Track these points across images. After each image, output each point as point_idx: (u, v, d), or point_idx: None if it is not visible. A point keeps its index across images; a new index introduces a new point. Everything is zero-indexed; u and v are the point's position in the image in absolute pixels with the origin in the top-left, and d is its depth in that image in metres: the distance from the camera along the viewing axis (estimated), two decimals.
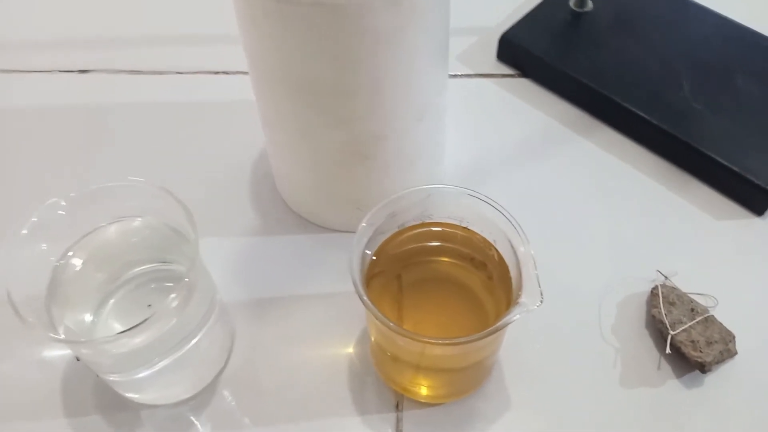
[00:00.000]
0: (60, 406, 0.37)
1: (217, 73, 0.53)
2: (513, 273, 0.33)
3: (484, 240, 0.35)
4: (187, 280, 0.31)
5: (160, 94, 0.51)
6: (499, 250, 0.34)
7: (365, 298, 0.30)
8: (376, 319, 0.30)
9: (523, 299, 0.30)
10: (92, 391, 0.38)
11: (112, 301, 0.36)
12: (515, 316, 0.29)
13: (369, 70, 0.33)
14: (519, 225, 0.32)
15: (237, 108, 0.50)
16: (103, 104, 0.51)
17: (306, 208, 0.43)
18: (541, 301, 0.30)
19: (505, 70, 0.52)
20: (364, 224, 0.32)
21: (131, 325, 0.30)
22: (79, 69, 0.53)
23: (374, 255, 0.34)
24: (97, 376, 0.36)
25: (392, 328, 0.30)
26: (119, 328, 0.35)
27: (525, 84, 0.51)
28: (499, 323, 0.29)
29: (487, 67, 0.52)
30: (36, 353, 0.39)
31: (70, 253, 0.35)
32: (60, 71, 0.53)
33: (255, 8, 0.31)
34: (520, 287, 0.31)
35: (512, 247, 0.32)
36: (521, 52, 0.51)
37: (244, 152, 0.48)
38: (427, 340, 0.30)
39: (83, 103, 0.51)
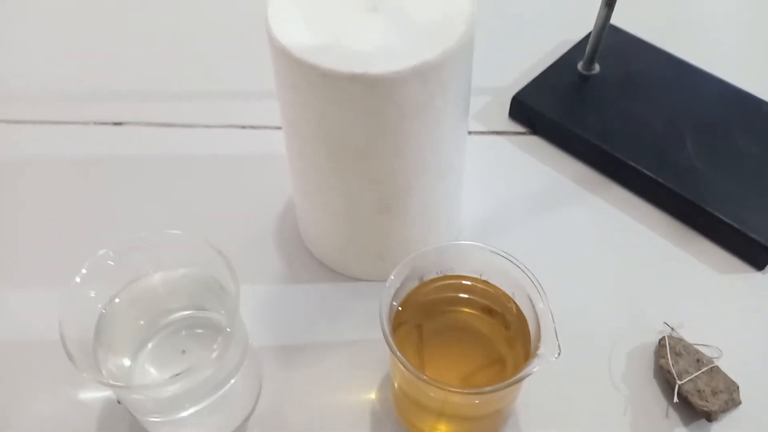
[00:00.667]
0: None
1: (243, 127, 0.56)
2: (531, 325, 0.35)
3: (503, 293, 0.37)
4: (228, 330, 0.34)
5: (189, 147, 0.54)
6: (518, 302, 0.36)
7: (394, 347, 0.33)
8: (404, 368, 0.33)
9: (541, 351, 0.32)
10: None
11: (149, 346, 0.38)
12: (535, 367, 0.32)
13: (397, 136, 0.36)
14: (537, 279, 0.34)
15: (263, 161, 0.52)
16: (136, 156, 0.54)
17: (331, 257, 0.46)
18: (559, 353, 0.32)
19: (517, 128, 0.55)
20: (392, 277, 0.35)
21: (167, 372, 0.32)
22: (113, 121, 0.56)
23: (400, 306, 0.37)
24: (134, 417, 0.38)
25: (419, 377, 0.32)
26: (154, 373, 0.38)
27: (536, 141, 0.54)
28: (521, 374, 0.31)
29: (500, 125, 0.55)
30: (75, 394, 0.41)
31: (116, 300, 0.37)
32: (95, 123, 0.56)
33: (298, 77, 0.34)
34: (538, 339, 0.33)
35: (530, 300, 0.35)
36: (532, 112, 0.54)
37: (271, 204, 0.50)
38: (451, 389, 0.32)
39: (118, 155, 0.54)
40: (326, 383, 0.41)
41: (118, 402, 0.39)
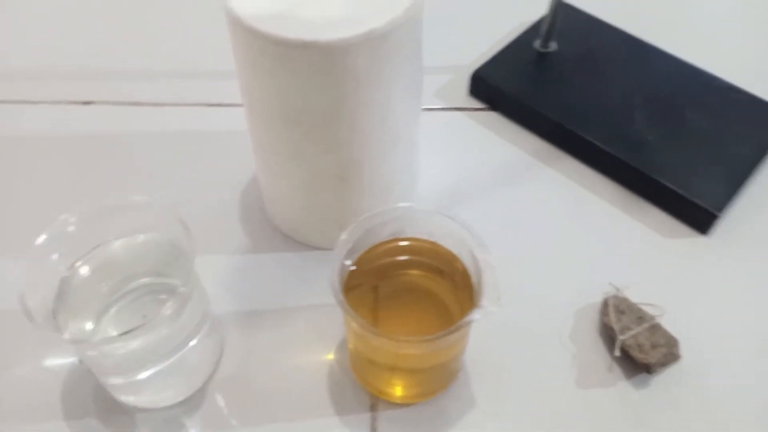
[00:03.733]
0: (60, 409, 0.41)
1: (212, 105, 0.57)
2: (475, 281, 0.37)
3: (450, 253, 0.39)
4: (182, 290, 0.35)
5: (158, 125, 0.56)
6: (464, 261, 0.38)
7: (344, 302, 0.34)
8: (354, 321, 0.34)
9: (483, 302, 0.34)
10: (91, 396, 0.41)
11: (112, 310, 0.40)
12: (476, 316, 0.33)
13: (349, 104, 0.37)
14: (479, 236, 0.36)
15: (230, 138, 0.54)
16: (106, 133, 0.55)
17: (292, 227, 0.47)
18: (500, 304, 0.33)
19: (477, 104, 0.57)
20: (344, 237, 0.36)
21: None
22: (83, 101, 0.57)
23: (354, 264, 0.38)
24: (98, 380, 0.40)
25: (368, 329, 0.34)
26: (115, 335, 0.39)
27: (494, 117, 0.56)
28: (461, 322, 0.33)
29: (461, 101, 0.57)
30: (40, 359, 0.42)
31: (78, 264, 0.38)
32: (67, 102, 0.57)
33: (253, 49, 0.36)
34: (481, 292, 0.35)
35: (474, 257, 0.36)
36: (490, 88, 0.56)
37: (236, 178, 0.52)
38: (399, 338, 0.34)
39: (88, 132, 0.55)
40: (287, 346, 0.43)
41: (80, 362, 0.40)
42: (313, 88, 0.36)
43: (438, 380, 0.40)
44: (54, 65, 0.60)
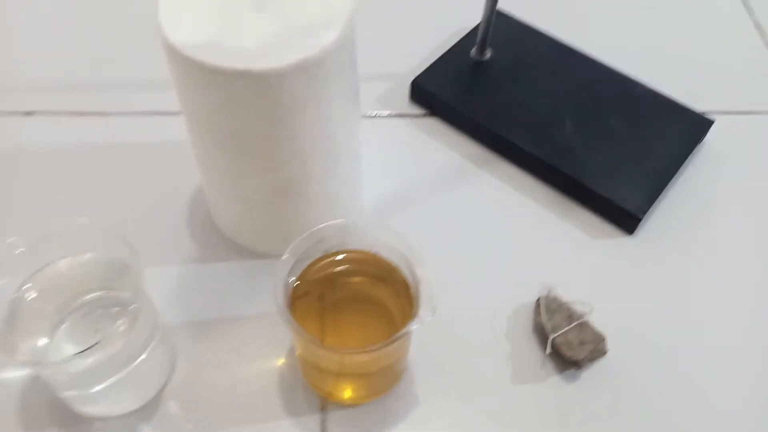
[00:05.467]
0: (19, 422, 0.41)
1: (156, 114, 0.58)
2: (413, 291, 0.39)
3: (390, 263, 0.41)
4: (132, 306, 0.36)
5: (103, 136, 0.56)
6: (403, 272, 0.40)
7: (289, 318, 0.36)
8: (299, 335, 0.36)
9: (420, 313, 0.36)
10: (48, 408, 0.42)
11: (64, 326, 0.41)
12: (413, 326, 0.36)
13: (286, 126, 0.39)
14: (415, 251, 0.38)
15: (176, 147, 0.54)
16: (49, 145, 0.55)
17: (239, 236, 0.49)
18: (434, 314, 0.36)
19: (417, 110, 0.59)
20: (285, 256, 0.38)
21: (82, 347, 0.35)
22: (24, 111, 0.57)
23: (298, 280, 0.40)
24: (53, 394, 0.41)
25: (314, 343, 0.36)
26: (71, 349, 0.40)
27: (434, 123, 0.58)
28: (398, 333, 0.35)
29: (402, 107, 0.59)
30: None
31: (26, 286, 0.39)
32: (5, 113, 0.57)
33: (187, 73, 0.37)
34: (418, 303, 0.37)
35: (411, 269, 0.39)
36: (430, 95, 0.58)
37: (183, 186, 0.53)
38: (342, 351, 0.36)
39: (29, 145, 0.55)
40: (238, 354, 0.45)
41: (38, 377, 0.41)
42: (249, 113, 0.38)
43: (383, 382, 0.43)
44: None
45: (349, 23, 0.38)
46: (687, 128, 0.55)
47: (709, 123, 0.56)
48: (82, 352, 0.35)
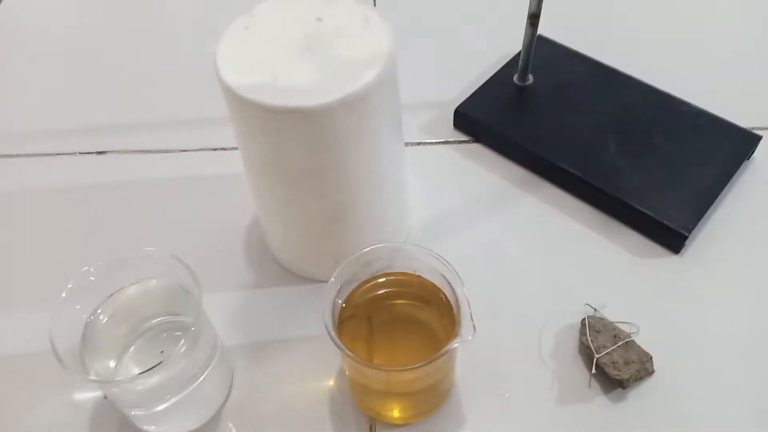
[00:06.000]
0: None
1: (215, 149, 0.61)
2: (455, 310, 0.40)
3: (433, 285, 0.42)
4: (193, 329, 0.39)
5: (168, 171, 0.60)
6: (445, 292, 0.42)
7: (335, 337, 0.38)
8: (346, 355, 0.38)
9: (461, 332, 0.38)
10: (117, 428, 0.45)
11: (131, 349, 0.44)
12: (453, 345, 0.37)
13: (333, 158, 0.41)
14: (456, 271, 0.40)
15: (233, 179, 0.58)
16: (119, 181, 0.59)
17: (293, 263, 0.52)
18: (474, 332, 0.37)
19: (461, 137, 0.61)
20: (332, 279, 0.40)
21: (147, 368, 0.38)
22: (96, 151, 0.62)
23: (344, 303, 0.42)
24: (122, 413, 0.44)
25: (360, 362, 0.38)
26: (137, 371, 0.43)
27: (478, 148, 0.60)
28: (440, 352, 0.37)
29: (446, 135, 0.61)
30: (68, 395, 0.46)
31: (99, 311, 0.43)
32: (80, 153, 0.62)
33: (244, 114, 0.40)
34: (459, 323, 0.39)
35: (453, 290, 0.40)
36: (473, 122, 0.60)
37: (241, 217, 0.56)
38: (386, 369, 0.38)
39: (102, 181, 0.60)
40: (291, 375, 0.47)
41: (105, 397, 0.44)
42: (299, 147, 0.40)
43: (430, 401, 0.44)
44: (69, 119, 0.65)
45: (390, 60, 0.40)
46: (733, 145, 0.55)
47: (756, 138, 0.55)
48: (146, 371, 0.37)
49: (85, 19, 0.75)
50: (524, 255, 0.52)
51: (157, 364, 0.38)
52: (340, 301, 0.42)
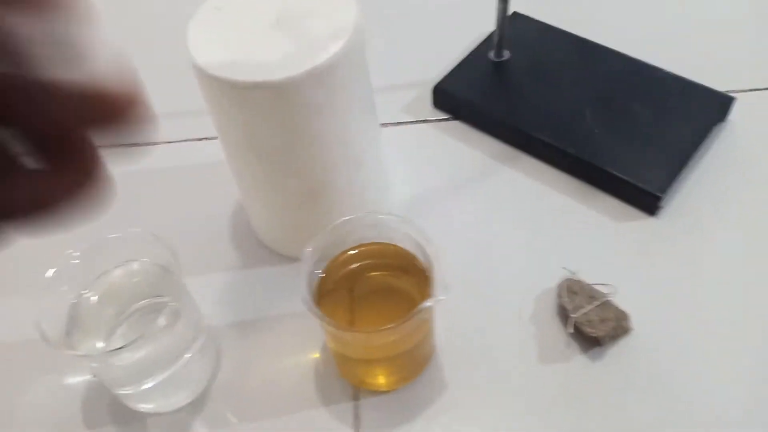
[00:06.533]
0: (81, 421, 0.46)
1: (200, 139, 0.62)
2: (430, 275, 0.41)
3: (409, 253, 0.43)
4: (172, 304, 0.40)
5: (154, 162, 0.61)
6: (421, 259, 0.43)
7: (312, 306, 0.39)
8: (323, 321, 0.39)
9: (434, 292, 0.38)
10: (107, 407, 0.46)
11: (119, 330, 0.45)
12: (427, 304, 0.38)
13: (305, 134, 0.42)
14: (425, 232, 0.40)
15: (218, 167, 0.59)
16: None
17: (276, 242, 0.53)
18: (447, 291, 0.38)
19: (441, 115, 0.61)
20: (309, 249, 0.41)
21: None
22: None
23: (324, 272, 0.43)
24: (111, 392, 0.45)
25: (337, 327, 0.39)
26: None
27: (457, 125, 0.60)
28: (415, 310, 0.38)
29: (426, 113, 0.62)
30: (59, 378, 0.48)
31: (85, 293, 0.44)
32: None
33: (215, 92, 0.41)
34: (433, 283, 0.39)
35: (427, 254, 0.41)
36: (452, 100, 0.60)
37: (226, 203, 0.57)
38: (362, 330, 0.39)
39: None
40: (276, 350, 0.48)
41: (93, 376, 0.45)
42: (270, 123, 0.41)
43: (411, 366, 0.45)
44: None
45: (355, 33, 0.41)
46: (708, 108, 0.56)
47: (729, 100, 0.56)
48: (130, 343, 0.38)
49: None
50: (505, 226, 0.53)
51: (139, 337, 0.39)
52: (318, 271, 0.42)
